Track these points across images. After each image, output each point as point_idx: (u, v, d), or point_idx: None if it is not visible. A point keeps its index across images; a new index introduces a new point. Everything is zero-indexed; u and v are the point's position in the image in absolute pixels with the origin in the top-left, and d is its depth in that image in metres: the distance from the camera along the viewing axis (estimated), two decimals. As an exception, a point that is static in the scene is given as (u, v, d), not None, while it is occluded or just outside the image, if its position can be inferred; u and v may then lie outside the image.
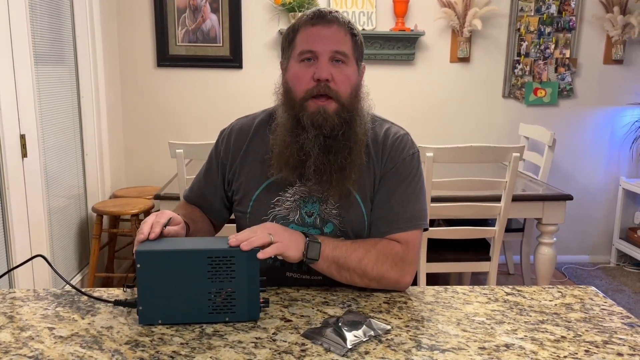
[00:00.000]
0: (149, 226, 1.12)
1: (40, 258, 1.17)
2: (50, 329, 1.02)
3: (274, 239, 1.09)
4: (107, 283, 3.15)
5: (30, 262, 1.19)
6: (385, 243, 1.22)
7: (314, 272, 1.28)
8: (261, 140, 1.32)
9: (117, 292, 1.18)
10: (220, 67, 3.46)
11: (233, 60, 3.44)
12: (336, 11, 1.25)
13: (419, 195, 1.28)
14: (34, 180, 2.40)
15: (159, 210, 1.32)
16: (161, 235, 1.12)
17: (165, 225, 1.13)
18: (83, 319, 1.06)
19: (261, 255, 1.06)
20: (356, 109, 1.24)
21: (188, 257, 1.03)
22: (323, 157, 1.21)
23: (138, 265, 1.02)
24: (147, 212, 2.98)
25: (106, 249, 3.19)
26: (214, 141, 1.44)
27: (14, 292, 1.18)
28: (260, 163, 1.30)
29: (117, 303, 1.08)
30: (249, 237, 1.06)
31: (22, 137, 2.30)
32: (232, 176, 1.35)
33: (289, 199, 1.26)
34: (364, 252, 1.19)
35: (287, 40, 1.26)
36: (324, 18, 1.21)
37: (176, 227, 1.19)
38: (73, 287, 1.16)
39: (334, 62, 1.21)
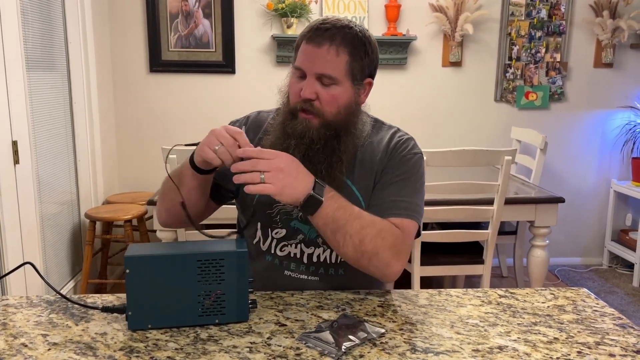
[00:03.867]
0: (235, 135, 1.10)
1: (28, 265, 1.16)
2: (44, 335, 1.02)
3: (265, 178, 1.06)
4: (100, 289, 3.13)
5: (22, 268, 1.19)
6: (388, 223, 1.20)
7: (312, 271, 1.29)
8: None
9: (110, 299, 1.18)
10: (213, 72, 3.46)
11: (226, 65, 3.44)
12: (340, 25, 1.21)
13: (417, 192, 1.28)
14: (26, 187, 2.39)
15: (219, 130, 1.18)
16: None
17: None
18: (77, 325, 1.06)
19: (246, 189, 1.06)
20: (345, 126, 1.23)
21: (178, 261, 1.04)
22: (303, 164, 1.20)
23: (127, 271, 1.02)
24: (140, 218, 2.98)
25: (99, 255, 3.17)
26: None
27: (7, 299, 1.18)
28: None
29: (104, 309, 1.08)
30: (251, 165, 1.07)
31: (14, 143, 2.29)
32: None
33: None
34: (369, 222, 1.17)
35: (295, 47, 1.27)
36: (319, 36, 1.20)
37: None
38: (61, 295, 1.15)
39: (321, 82, 1.21)
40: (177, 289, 1.04)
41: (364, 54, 1.23)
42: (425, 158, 2.35)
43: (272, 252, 1.31)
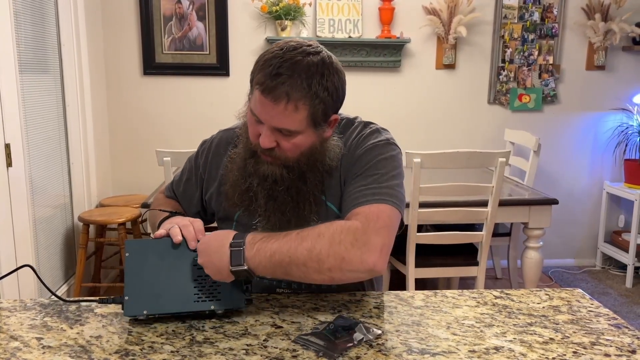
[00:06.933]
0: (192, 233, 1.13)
1: (27, 268, 1.16)
2: (39, 339, 1.01)
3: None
4: (93, 293, 3.11)
5: (15, 272, 1.18)
6: (341, 222, 1.08)
7: (304, 287, 1.25)
8: None
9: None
10: (207, 75, 3.46)
11: (220, 67, 3.44)
12: (297, 70, 1.06)
13: (386, 176, 1.15)
14: (19, 190, 2.38)
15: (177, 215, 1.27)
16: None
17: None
18: (71, 328, 1.05)
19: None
20: (310, 166, 1.15)
21: (175, 245, 1.08)
22: (267, 204, 1.17)
23: (127, 254, 1.05)
24: (134, 221, 2.96)
25: (92, 258, 3.15)
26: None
27: (1, 302, 1.17)
28: None
29: (102, 301, 1.10)
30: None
31: (7, 146, 2.27)
32: (212, 194, 1.31)
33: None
34: (315, 237, 1.04)
35: (250, 80, 1.13)
36: (274, 89, 1.05)
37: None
38: (58, 297, 1.15)
39: (280, 132, 1.10)
40: (174, 272, 1.06)
41: (325, 92, 1.08)
42: (419, 160, 2.36)
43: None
